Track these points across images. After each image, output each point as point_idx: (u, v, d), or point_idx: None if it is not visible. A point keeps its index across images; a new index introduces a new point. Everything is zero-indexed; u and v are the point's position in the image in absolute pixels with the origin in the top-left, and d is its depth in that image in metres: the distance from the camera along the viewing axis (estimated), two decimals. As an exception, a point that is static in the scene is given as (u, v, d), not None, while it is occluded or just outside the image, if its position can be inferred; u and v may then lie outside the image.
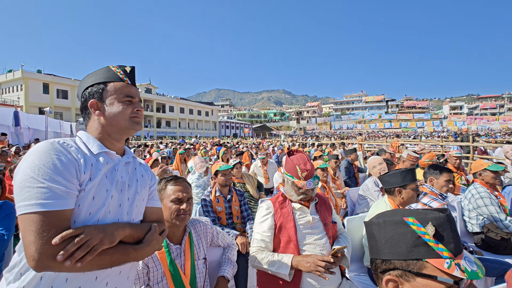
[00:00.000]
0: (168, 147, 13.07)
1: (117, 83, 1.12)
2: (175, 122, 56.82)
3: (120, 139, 1.13)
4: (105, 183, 1.01)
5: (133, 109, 1.12)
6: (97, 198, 0.98)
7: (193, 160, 4.44)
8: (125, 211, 1.07)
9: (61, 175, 0.89)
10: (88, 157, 0.99)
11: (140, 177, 1.19)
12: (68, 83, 38.15)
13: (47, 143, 0.94)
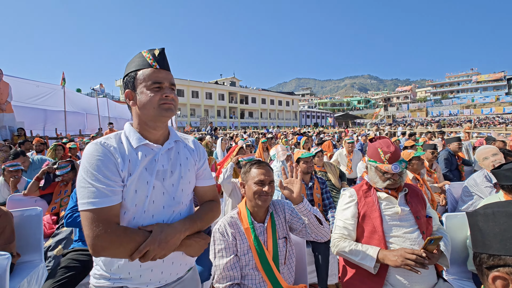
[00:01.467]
0: (251, 136, 13.80)
1: (146, 69, 1.10)
2: (257, 113, 59.16)
3: (156, 127, 1.13)
4: (144, 175, 1.07)
5: (162, 96, 1.08)
6: (139, 191, 1.06)
7: (275, 149, 4.60)
8: (171, 197, 1.12)
9: (104, 175, 0.99)
10: (126, 155, 1.06)
11: (184, 160, 1.20)
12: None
13: (92, 145, 1.05)
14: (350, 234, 1.74)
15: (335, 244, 1.72)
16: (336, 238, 1.73)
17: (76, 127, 13.44)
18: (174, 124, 28.99)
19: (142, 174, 1.07)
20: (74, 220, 2.19)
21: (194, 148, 1.29)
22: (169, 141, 1.18)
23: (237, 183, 2.95)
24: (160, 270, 1.12)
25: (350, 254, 1.63)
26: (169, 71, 1.15)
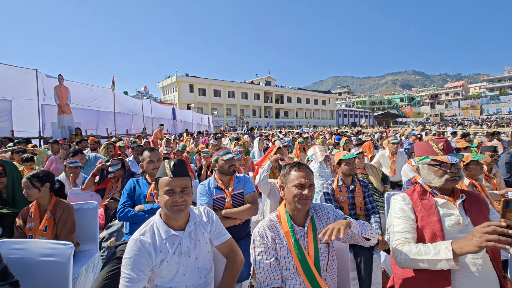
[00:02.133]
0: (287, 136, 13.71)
1: (163, 178, 1.46)
2: (293, 112, 58.58)
3: (176, 219, 1.47)
4: (174, 258, 1.43)
5: (173, 200, 1.42)
6: (171, 270, 1.43)
7: (313, 149, 4.51)
8: (196, 267, 1.50)
9: (136, 268, 1.35)
10: (157, 246, 1.42)
11: (201, 235, 1.54)
12: (206, 83, 45.63)
13: (132, 241, 1.41)
14: (414, 238, 1.52)
15: (398, 250, 1.49)
16: (399, 244, 1.52)
17: (124, 127, 14.50)
18: (211, 124, 29.92)
19: (172, 258, 1.43)
20: (125, 214, 2.36)
21: (207, 219, 1.61)
22: (189, 224, 1.51)
23: (275, 183, 2.94)
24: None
25: (418, 255, 1.38)
26: (184, 176, 1.48)
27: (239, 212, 2.41)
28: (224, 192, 2.47)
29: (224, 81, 48.16)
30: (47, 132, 9.50)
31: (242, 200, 2.53)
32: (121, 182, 3.35)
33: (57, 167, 4.86)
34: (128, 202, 2.44)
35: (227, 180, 2.58)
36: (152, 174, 2.62)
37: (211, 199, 2.42)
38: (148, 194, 2.49)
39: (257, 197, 2.60)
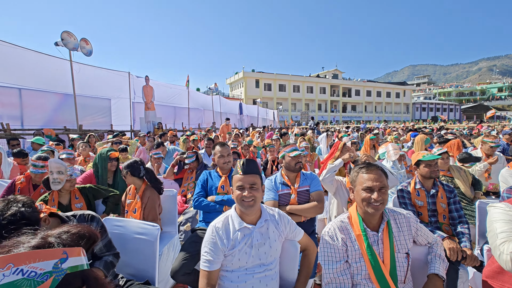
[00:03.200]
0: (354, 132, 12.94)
1: (236, 175, 1.62)
2: (361, 106, 54.89)
3: (248, 213, 1.60)
4: (244, 248, 1.55)
5: (242, 195, 1.55)
6: (241, 258, 1.55)
7: (386, 147, 4.16)
8: (263, 262, 1.58)
9: (212, 251, 1.53)
10: (230, 234, 1.56)
11: (272, 234, 1.63)
12: (271, 78, 46.13)
13: (210, 227, 1.60)
14: None
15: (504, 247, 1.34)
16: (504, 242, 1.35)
17: (196, 121, 15.79)
18: (276, 118, 30.21)
19: (243, 247, 1.55)
20: (199, 204, 2.59)
21: (279, 220, 1.70)
22: (260, 221, 1.62)
23: (342, 181, 2.82)
24: None
25: None
26: (252, 173, 1.61)
27: (304, 210, 2.40)
28: (290, 188, 2.49)
29: (289, 75, 47.89)
30: (136, 126, 11.03)
31: (308, 197, 2.52)
32: (195, 173, 3.68)
33: (144, 157, 5.61)
34: (201, 192, 2.67)
35: (293, 176, 2.59)
36: (223, 168, 2.80)
37: (277, 194, 2.47)
38: (219, 186, 2.68)
39: (323, 195, 2.54)
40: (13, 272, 0.52)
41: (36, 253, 0.55)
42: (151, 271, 1.99)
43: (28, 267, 0.53)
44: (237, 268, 1.56)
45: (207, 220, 2.57)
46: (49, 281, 0.54)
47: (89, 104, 9.50)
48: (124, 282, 1.83)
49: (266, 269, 1.59)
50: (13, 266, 0.52)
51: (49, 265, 0.55)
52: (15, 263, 0.52)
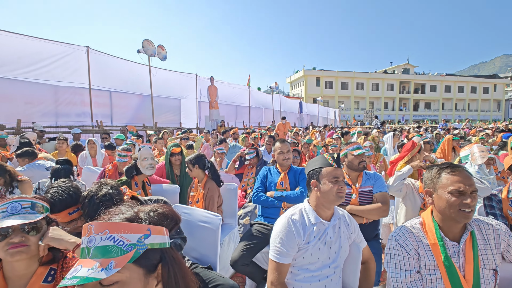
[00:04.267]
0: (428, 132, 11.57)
1: (328, 168, 1.60)
2: (437, 104, 48.75)
3: (330, 207, 1.58)
4: (318, 244, 1.52)
5: (338, 187, 1.53)
6: (314, 254, 1.52)
7: (469, 149, 3.62)
8: (333, 260, 1.55)
9: (286, 243, 1.48)
10: (306, 228, 1.53)
11: (343, 233, 1.60)
12: (332, 75, 44.38)
13: (285, 218, 1.56)
14: None
15: None
16: None
17: (256, 120, 16.17)
18: (337, 117, 28.96)
19: (316, 243, 1.52)
20: (259, 198, 2.65)
21: (349, 222, 1.68)
22: (334, 218, 1.60)
23: (414, 185, 2.56)
24: None
25: None
26: (341, 168, 1.63)
27: (367, 211, 2.26)
28: (351, 187, 2.37)
29: (353, 72, 45.32)
30: (201, 124, 11.87)
31: (370, 198, 2.36)
32: (255, 169, 3.77)
33: (208, 152, 6.00)
34: (261, 187, 2.73)
35: (355, 176, 2.46)
36: (282, 164, 2.82)
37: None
38: (278, 182, 2.70)
39: (389, 198, 2.35)
40: (108, 237, 0.61)
41: (127, 225, 0.64)
42: (213, 257, 2.12)
43: (118, 236, 0.62)
44: (307, 263, 1.53)
45: (266, 215, 2.62)
46: (132, 252, 0.62)
47: (162, 104, 10.58)
48: (189, 265, 2.00)
49: (333, 270, 1.56)
50: (109, 233, 0.62)
51: (134, 238, 0.63)
52: (110, 230, 0.62)
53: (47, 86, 7.58)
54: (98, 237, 0.61)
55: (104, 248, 0.60)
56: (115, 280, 0.59)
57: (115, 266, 0.58)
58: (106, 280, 0.58)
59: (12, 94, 6.93)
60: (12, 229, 1.02)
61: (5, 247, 1.00)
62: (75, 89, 8.09)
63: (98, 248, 0.60)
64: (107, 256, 0.59)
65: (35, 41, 7.18)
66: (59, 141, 4.91)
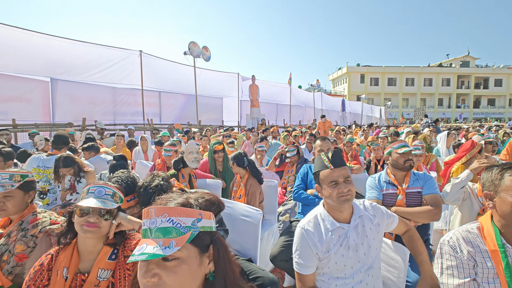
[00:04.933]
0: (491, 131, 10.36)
1: (324, 171, 1.44)
2: (503, 100, 43.21)
3: (341, 211, 1.43)
4: (340, 250, 1.39)
5: (338, 190, 1.36)
6: (338, 262, 1.39)
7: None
8: (365, 263, 1.41)
9: (303, 255, 1.41)
10: (323, 236, 1.41)
11: (369, 231, 1.44)
12: (379, 71, 41.93)
13: (299, 229, 1.47)
14: None
15: None
16: None
17: (297, 118, 16.03)
18: (383, 115, 27.33)
19: (338, 250, 1.40)
20: (299, 196, 2.66)
21: (374, 213, 1.51)
22: (354, 218, 1.45)
23: (473, 189, 2.33)
24: None
25: None
26: (343, 166, 1.43)
27: (415, 213, 2.11)
28: (396, 188, 2.24)
29: (402, 67, 42.28)
30: (242, 122, 12.15)
31: (419, 200, 2.20)
32: (296, 167, 3.76)
33: (249, 150, 6.13)
34: (301, 185, 2.72)
35: (401, 176, 2.31)
36: (323, 163, 2.78)
37: (380, 193, 2.27)
38: (319, 180, 2.67)
39: (441, 201, 2.17)
40: (167, 220, 0.69)
41: (182, 209, 0.72)
42: (253, 250, 2.19)
43: (176, 219, 0.70)
44: (334, 271, 1.44)
45: (305, 212, 2.60)
46: (188, 234, 0.69)
47: (206, 103, 11.06)
48: (231, 256, 2.08)
49: (368, 271, 1.44)
50: (167, 216, 0.70)
51: (189, 221, 0.71)
52: (169, 214, 0.70)
53: (107, 88, 8.43)
54: (159, 219, 0.69)
55: (165, 229, 0.68)
56: (176, 257, 0.67)
57: (175, 245, 0.65)
58: (168, 256, 0.66)
59: (78, 96, 7.85)
60: (92, 209, 1.19)
61: (82, 222, 1.17)
62: (129, 90, 8.86)
63: (159, 229, 0.68)
64: (168, 236, 0.67)
65: (96, 47, 8.03)
66: (117, 137, 5.44)
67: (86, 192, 1.25)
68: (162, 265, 0.66)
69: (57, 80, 7.40)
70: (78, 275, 1.21)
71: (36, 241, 1.52)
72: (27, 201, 1.63)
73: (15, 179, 1.57)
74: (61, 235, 1.25)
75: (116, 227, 1.28)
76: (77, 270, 1.22)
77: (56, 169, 2.99)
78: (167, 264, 0.66)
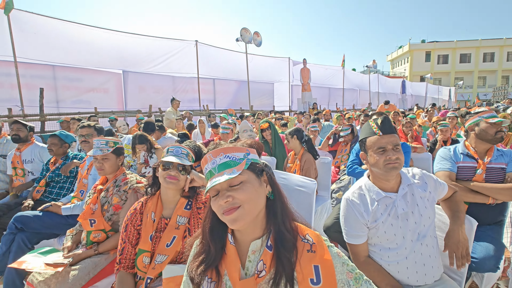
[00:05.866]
0: None
1: (371, 137, 1.38)
2: None
3: (388, 180, 1.37)
4: (389, 220, 1.35)
5: (386, 157, 1.31)
6: (387, 231, 1.35)
7: None
8: (416, 233, 1.35)
9: (351, 225, 1.40)
10: (369, 206, 1.38)
11: (419, 200, 1.38)
12: (449, 47, 37.01)
13: (344, 200, 1.45)
14: None
15: None
16: None
17: (351, 102, 15.30)
18: (453, 97, 24.28)
19: (387, 219, 1.36)
20: (353, 171, 2.65)
21: (426, 181, 1.44)
22: (402, 187, 1.39)
23: None
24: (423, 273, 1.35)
25: None
26: (393, 133, 1.37)
27: (496, 190, 1.93)
28: (476, 161, 2.06)
29: (479, 40, 36.58)
30: (293, 107, 12.09)
31: (501, 178, 2.00)
32: (349, 146, 3.70)
33: (300, 132, 6.18)
34: (356, 160, 2.70)
35: (483, 149, 2.10)
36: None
37: (455, 165, 2.11)
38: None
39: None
40: (224, 157, 0.85)
41: (233, 147, 0.88)
42: (308, 219, 2.28)
43: (231, 155, 0.85)
44: (384, 241, 1.39)
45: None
46: (244, 162, 0.84)
47: (257, 89, 11.26)
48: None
49: (421, 240, 1.36)
50: (223, 154, 0.85)
51: (241, 155, 0.86)
52: (224, 152, 0.86)
53: (168, 77, 9.19)
54: (218, 158, 0.84)
55: (225, 164, 0.83)
56: (240, 180, 0.81)
57: (237, 171, 0.81)
58: (235, 180, 0.81)
59: (145, 85, 8.73)
60: (172, 165, 1.43)
61: (165, 175, 1.41)
62: (187, 79, 9.50)
63: (220, 165, 0.83)
64: (229, 167, 0.82)
65: (158, 40, 8.76)
66: (177, 121, 5.99)
67: (166, 152, 1.49)
68: (232, 189, 0.81)
69: (128, 72, 8.33)
70: (162, 219, 1.46)
71: (126, 195, 1.85)
72: (118, 164, 1.98)
73: (110, 145, 1.92)
74: (148, 186, 1.52)
75: (190, 183, 1.50)
76: (161, 216, 1.47)
77: (133, 145, 3.48)
78: (235, 187, 0.81)
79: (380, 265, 1.40)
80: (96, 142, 1.91)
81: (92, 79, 7.85)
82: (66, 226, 2.12)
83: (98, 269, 1.73)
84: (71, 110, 7.13)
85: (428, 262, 1.36)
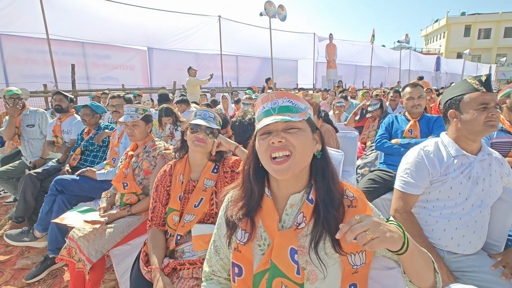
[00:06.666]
0: None
1: (472, 93, 1.32)
2: None
3: (476, 140, 1.35)
4: (459, 178, 1.34)
5: (488, 114, 1.26)
6: (454, 187, 1.35)
7: None
8: (479, 199, 1.34)
9: (415, 173, 1.40)
10: (444, 160, 1.37)
11: (494, 172, 1.37)
12: (492, 19, 33.63)
13: (416, 150, 1.45)
14: None
15: None
16: None
17: (378, 80, 14.58)
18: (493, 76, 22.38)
19: (458, 176, 1.35)
20: (382, 145, 2.55)
21: (503, 162, 1.43)
22: (482, 153, 1.37)
23: None
24: (468, 240, 1.35)
25: None
26: (493, 92, 1.32)
27: None
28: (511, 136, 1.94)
29: None
30: (318, 85, 11.72)
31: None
32: (378, 122, 3.56)
33: (325, 108, 6.01)
34: (385, 134, 2.59)
35: None
36: (411, 112, 2.56)
37: (488, 141, 2.00)
38: (406, 130, 2.49)
39: None
40: (287, 101, 0.84)
41: (297, 96, 0.87)
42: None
43: (295, 101, 0.84)
44: (445, 198, 1.38)
45: (388, 162, 2.51)
46: (305, 112, 0.83)
47: (280, 66, 11.00)
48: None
49: (480, 207, 1.35)
50: (287, 98, 0.84)
51: (303, 106, 0.85)
52: (288, 96, 0.85)
53: (191, 54, 9.18)
54: (280, 100, 0.83)
55: (287, 107, 0.82)
56: (298, 127, 0.81)
57: (298, 117, 0.80)
58: (294, 124, 0.80)
59: (169, 62, 8.80)
60: (200, 128, 1.44)
61: (193, 138, 1.43)
62: (210, 56, 9.45)
63: (282, 107, 0.82)
64: (290, 112, 0.81)
65: (181, 15, 8.67)
66: (201, 96, 6.03)
67: (194, 115, 1.50)
68: (287, 132, 0.80)
69: (153, 49, 8.41)
70: (190, 182, 1.50)
71: (155, 161, 1.92)
72: (147, 131, 2.03)
73: (139, 111, 1.97)
74: (177, 150, 1.56)
75: (217, 147, 1.51)
76: (189, 178, 1.51)
77: (160, 118, 3.56)
78: (291, 131, 0.80)
79: (418, 223, 1.43)
80: (126, 108, 1.97)
81: (119, 56, 8.03)
82: (101, 190, 2.25)
83: (131, 228, 1.84)
84: (100, 86, 7.39)
85: (478, 231, 1.35)
